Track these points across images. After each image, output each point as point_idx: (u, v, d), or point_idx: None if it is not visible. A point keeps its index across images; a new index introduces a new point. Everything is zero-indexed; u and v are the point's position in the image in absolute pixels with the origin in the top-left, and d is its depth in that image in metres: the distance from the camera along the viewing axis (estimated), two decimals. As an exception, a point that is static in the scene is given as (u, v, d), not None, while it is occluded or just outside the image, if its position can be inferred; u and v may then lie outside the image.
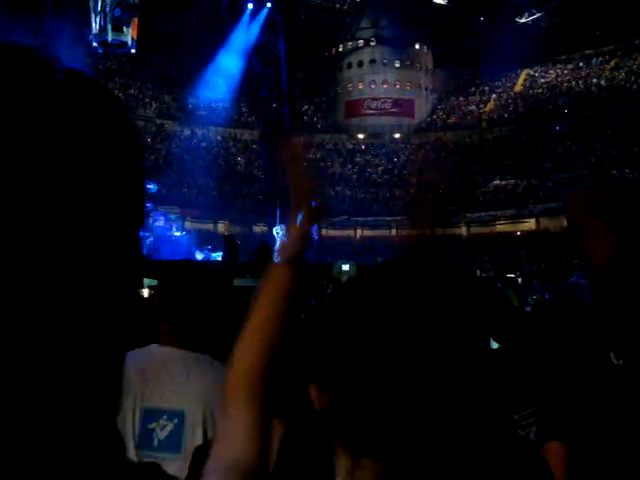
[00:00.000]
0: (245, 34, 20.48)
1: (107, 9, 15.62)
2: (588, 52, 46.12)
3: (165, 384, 1.93)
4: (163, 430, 1.89)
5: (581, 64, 46.51)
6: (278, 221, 18.75)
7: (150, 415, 1.88)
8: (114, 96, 0.36)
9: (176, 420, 1.90)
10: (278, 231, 16.28)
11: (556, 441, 1.82)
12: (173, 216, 17.61)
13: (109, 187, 0.33)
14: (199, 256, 15.05)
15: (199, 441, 1.88)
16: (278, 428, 1.68)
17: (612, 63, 44.79)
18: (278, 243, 15.06)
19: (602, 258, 1.48)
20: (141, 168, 0.38)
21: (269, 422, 1.04)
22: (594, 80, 44.57)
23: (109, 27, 15.94)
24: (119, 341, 0.35)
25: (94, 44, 16.62)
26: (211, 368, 2.08)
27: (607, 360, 1.77)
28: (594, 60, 46.07)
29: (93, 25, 16.17)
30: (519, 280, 9.93)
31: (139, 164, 0.37)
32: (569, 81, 45.73)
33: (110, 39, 16.09)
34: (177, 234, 16.58)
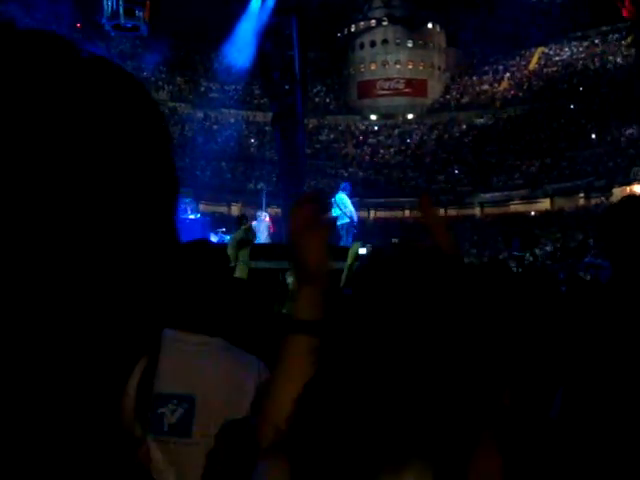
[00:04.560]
0: (257, 16, 20.34)
1: (119, -8, 15.62)
2: (604, 28, 45.44)
3: (177, 369, 1.94)
4: (173, 415, 1.90)
5: (597, 41, 45.87)
6: (264, 207, 18.82)
7: (160, 400, 1.89)
8: (138, 82, 0.36)
9: (186, 405, 1.91)
10: (260, 216, 16.27)
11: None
12: (187, 199, 17.56)
13: (140, 171, 0.33)
14: (214, 239, 15.09)
15: (210, 425, 1.89)
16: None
17: (629, 39, 44.11)
18: (260, 228, 14.95)
19: None
20: (171, 152, 0.38)
21: None
22: (610, 57, 43.97)
23: (121, 10, 15.93)
24: (152, 321, 0.35)
25: (107, 27, 16.60)
26: (226, 353, 2.06)
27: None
28: (610, 36, 45.40)
29: (105, 8, 16.15)
30: (531, 259, 9.93)
31: (169, 147, 0.37)
32: (584, 59, 45.15)
33: (122, 22, 16.08)
34: (192, 217, 16.60)
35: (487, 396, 0.77)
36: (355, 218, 14.23)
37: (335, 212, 14.22)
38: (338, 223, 14.18)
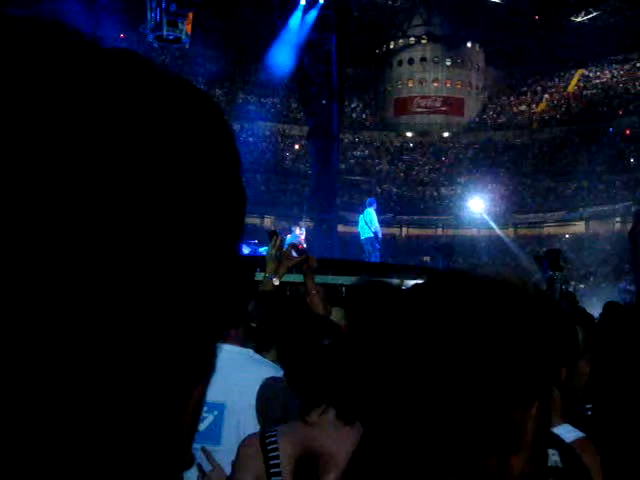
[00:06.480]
0: (297, 30, 20.55)
1: (163, 4, 15.88)
2: (646, 52, 44.88)
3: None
4: (203, 422, 1.92)
5: (638, 64, 45.29)
6: (305, 214, 18.90)
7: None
8: (215, 105, 0.37)
9: (216, 412, 1.95)
10: (294, 230, 16.25)
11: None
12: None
13: (207, 198, 0.34)
14: (246, 250, 15.20)
15: (240, 432, 1.91)
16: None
17: (671, 63, 43.51)
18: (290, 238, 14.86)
19: None
20: (240, 180, 0.38)
21: None
22: (651, 81, 43.40)
23: (164, 22, 16.18)
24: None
25: (149, 39, 16.91)
26: (254, 363, 2.09)
27: None
28: (652, 60, 44.84)
29: (149, 20, 16.45)
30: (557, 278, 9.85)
31: (238, 175, 0.38)
32: (625, 82, 44.59)
33: (165, 34, 16.34)
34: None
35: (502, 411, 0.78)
36: (380, 234, 14.43)
37: (361, 226, 14.43)
38: (362, 237, 14.41)
